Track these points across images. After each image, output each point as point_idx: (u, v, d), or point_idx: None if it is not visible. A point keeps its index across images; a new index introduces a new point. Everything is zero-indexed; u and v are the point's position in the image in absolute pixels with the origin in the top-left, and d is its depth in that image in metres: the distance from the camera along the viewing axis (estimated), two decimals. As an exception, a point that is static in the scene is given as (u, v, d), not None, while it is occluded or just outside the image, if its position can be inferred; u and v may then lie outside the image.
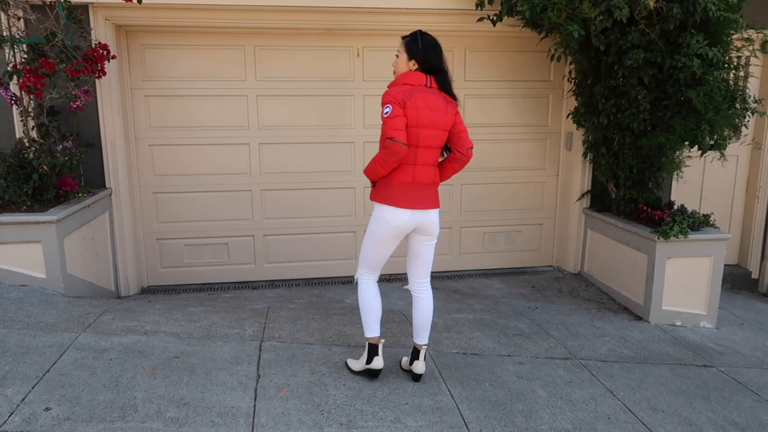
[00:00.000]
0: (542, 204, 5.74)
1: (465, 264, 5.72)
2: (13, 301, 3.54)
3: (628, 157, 4.75)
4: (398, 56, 2.89)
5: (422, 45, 2.83)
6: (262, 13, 4.62)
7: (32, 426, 2.35)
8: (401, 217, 2.83)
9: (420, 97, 2.77)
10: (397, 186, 2.83)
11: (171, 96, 4.91)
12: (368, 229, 2.96)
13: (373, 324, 2.98)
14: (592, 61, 4.65)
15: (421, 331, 3.01)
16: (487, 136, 5.46)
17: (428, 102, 2.78)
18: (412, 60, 2.84)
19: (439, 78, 2.86)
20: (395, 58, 2.91)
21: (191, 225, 5.15)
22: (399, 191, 2.83)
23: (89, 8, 4.35)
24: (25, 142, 4.02)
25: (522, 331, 3.99)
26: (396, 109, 2.72)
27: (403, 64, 2.87)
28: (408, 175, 2.83)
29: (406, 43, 2.86)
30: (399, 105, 2.73)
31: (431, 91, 2.82)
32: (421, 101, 2.76)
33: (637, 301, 4.58)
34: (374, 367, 2.98)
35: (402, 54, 2.87)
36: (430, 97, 2.80)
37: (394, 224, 2.84)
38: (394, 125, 2.71)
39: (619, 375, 3.42)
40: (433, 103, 2.80)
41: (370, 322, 2.99)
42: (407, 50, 2.85)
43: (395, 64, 2.91)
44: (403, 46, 2.86)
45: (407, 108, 2.73)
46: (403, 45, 2.87)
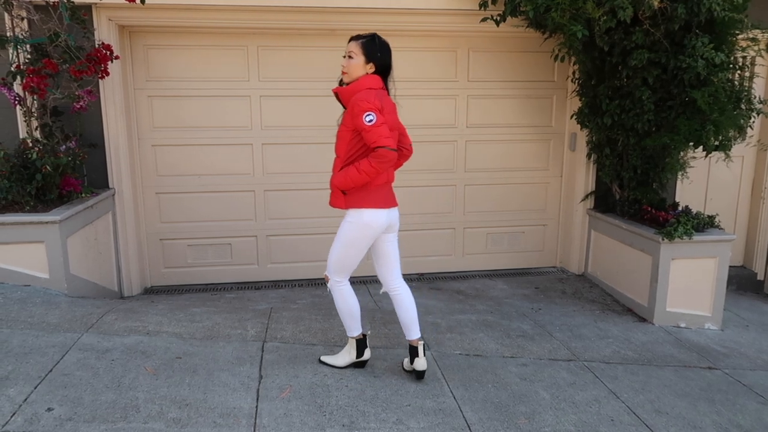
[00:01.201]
0: (546, 205, 5.72)
1: (468, 265, 5.70)
2: (16, 301, 3.54)
3: (633, 158, 4.73)
4: (352, 58, 2.80)
5: (380, 47, 2.82)
6: (265, 13, 4.61)
7: (34, 426, 2.35)
8: (380, 217, 2.87)
9: (386, 101, 2.83)
10: (377, 188, 2.86)
11: (174, 96, 4.91)
12: (343, 237, 2.92)
13: (357, 323, 3.06)
14: (596, 62, 4.63)
15: (411, 327, 3.04)
16: (490, 136, 5.45)
17: (390, 106, 2.87)
18: (370, 63, 2.82)
19: (386, 80, 2.90)
20: (348, 59, 2.81)
21: (194, 225, 5.15)
22: (378, 193, 2.87)
23: (92, 8, 4.36)
24: (28, 142, 4.02)
25: (525, 333, 3.98)
26: (378, 116, 2.70)
27: (360, 67, 2.81)
28: (385, 176, 2.90)
29: (364, 45, 2.80)
30: (379, 111, 2.72)
31: (387, 94, 2.89)
32: (388, 105, 2.83)
33: (642, 303, 4.56)
34: (365, 358, 3.11)
35: (358, 56, 2.79)
36: (389, 100, 2.88)
37: (374, 226, 2.87)
38: (383, 133, 2.69)
39: (622, 377, 3.40)
40: (391, 106, 2.89)
41: (354, 323, 3.06)
42: (365, 52, 2.80)
43: (348, 66, 2.82)
44: (360, 48, 2.79)
45: (384, 113, 2.75)
46: (359, 47, 2.80)
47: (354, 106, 2.73)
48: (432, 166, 5.41)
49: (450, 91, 5.31)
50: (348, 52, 2.81)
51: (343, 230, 2.92)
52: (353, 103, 2.74)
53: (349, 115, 2.78)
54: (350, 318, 3.04)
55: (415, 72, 5.20)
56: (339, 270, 2.97)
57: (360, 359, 3.10)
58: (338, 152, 2.89)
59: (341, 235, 2.93)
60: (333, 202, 2.91)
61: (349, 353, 3.11)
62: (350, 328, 3.07)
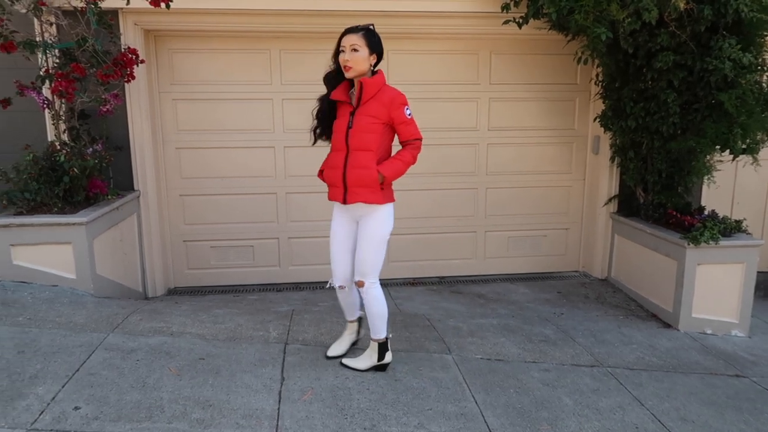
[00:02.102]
0: (568, 208, 5.67)
1: (489, 268, 5.67)
2: (44, 301, 3.61)
3: (657, 161, 4.67)
4: (357, 51, 2.72)
5: (378, 38, 2.81)
6: (288, 17, 4.65)
7: (62, 424, 2.40)
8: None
9: None
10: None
11: (198, 99, 4.97)
12: (378, 235, 2.88)
13: (386, 325, 3.08)
14: (620, 64, 4.58)
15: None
16: (512, 139, 5.42)
17: None
18: (373, 54, 2.79)
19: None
20: (352, 53, 2.73)
21: (217, 227, 5.21)
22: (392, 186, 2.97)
23: (119, 13, 4.43)
24: (56, 145, 4.10)
25: (547, 338, 3.94)
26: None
27: (365, 60, 2.75)
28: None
29: (367, 37, 2.75)
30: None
31: None
32: None
33: (666, 308, 4.49)
34: (387, 361, 3.12)
35: (363, 48, 2.73)
36: None
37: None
38: (417, 125, 2.84)
39: (647, 383, 3.35)
40: None
41: (384, 326, 3.07)
42: (369, 44, 2.76)
43: (352, 59, 2.73)
44: (363, 40, 2.73)
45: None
46: (363, 39, 2.74)
47: (394, 98, 2.79)
48: (453, 169, 5.40)
49: (472, 94, 5.29)
50: (351, 45, 2.73)
51: (377, 228, 2.88)
52: (392, 96, 2.79)
53: (384, 107, 2.78)
54: (381, 320, 3.02)
55: (437, 75, 5.20)
56: (376, 270, 2.94)
57: (381, 362, 3.10)
58: (371, 146, 2.81)
59: (376, 233, 2.88)
60: (371, 198, 2.82)
61: (371, 357, 3.11)
62: (380, 330, 3.04)
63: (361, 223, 2.93)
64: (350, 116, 2.82)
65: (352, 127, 2.80)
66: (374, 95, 2.80)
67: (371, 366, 3.11)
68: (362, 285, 2.96)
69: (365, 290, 2.96)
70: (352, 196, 2.83)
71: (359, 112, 2.81)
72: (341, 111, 2.89)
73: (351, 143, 2.81)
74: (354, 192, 2.83)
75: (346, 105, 2.87)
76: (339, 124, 2.87)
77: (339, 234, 3.01)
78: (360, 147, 2.80)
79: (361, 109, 2.81)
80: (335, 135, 2.89)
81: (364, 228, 2.91)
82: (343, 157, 2.83)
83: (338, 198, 2.89)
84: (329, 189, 2.95)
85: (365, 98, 2.80)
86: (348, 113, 2.84)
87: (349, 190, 2.83)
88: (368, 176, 2.80)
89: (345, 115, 2.85)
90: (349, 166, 2.82)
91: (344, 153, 2.82)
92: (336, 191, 2.89)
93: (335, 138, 2.89)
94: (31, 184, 3.88)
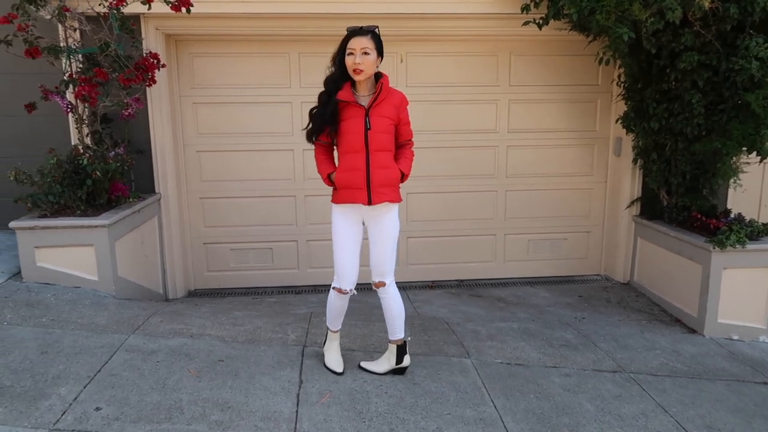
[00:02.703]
0: (590, 211, 5.59)
1: (509, 272, 5.62)
2: (67, 302, 3.66)
3: (681, 163, 4.58)
4: (368, 54, 2.72)
5: (382, 41, 2.82)
6: (307, 20, 4.66)
7: (83, 425, 2.42)
8: None
9: None
10: None
11: (218, 103, 5.01)
12: (395, 233, 2.94)
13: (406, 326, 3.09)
14: (643, 65, 4.51)
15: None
16: (532, 141, 5.37)
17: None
18: (379, 57, 2.81)
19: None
20: (364, 56, 2.72)
21: (237, 230, 5.24)
22: None
23: (141, 18, 4.48)
24: (79, 148, 4.17)
25: (568, 342, 3.89)
26: None
27: (374, 63, 2.77)
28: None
29: (375, 40, 2.76)
30: None
31: None
32: None
33: (691, 313, 4.40)
34: (405, 364, 3.09)
35: (373, 51, 2.74)
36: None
37: None
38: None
39: (671, 390, 3.28)
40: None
41: (403, 325, 3.05)
42: (377, 47, 2.78)
43: (364, 62, 2.72)
44: (373, 43, 2.74)
45: None
46: (372, 42, 2.74)
47: (402, 99, 2.90)
48: (473, 171, 5.36)
49: (491, 96, 5.26)
50: (362, 48, 2.71)
51: (394, 226, 2.93)
52: (401, 97, 2.90)
53: (395, 108, 2.86)
54: (401, 319, 3.04)
55: (456, 77, 5.18)
56: (393, 269, 2.99)
57: (399, 366, 3.07)
58: (389, 146, 2.88)
59: (393, 231, 2.92)
60: (394, 197, 2.89)
61: (389, 360, 3.09)
62: (400, 330, 3.05)
63: (375, 224, 2.92)
64: (366, 117, 2.80)
65: (371, 128, 2.79)
66: (387, 97, 2.85)
67: (389, 369, 3.09)
68: (383, 285, 2.96)
69: (386, 290, 2.96)
70: (379, 196, 2.83)
71: (374, 114, 2.81)
72: (349, 112, 2.82)
73: (372, 144, 2.80)
74: (380, 192, 2.83)
75: (354, 106, 2.81)
76: (352, 125, 2.81)
77: (349, 237, 2.93)
78: (381, 147, 2.83)
79: (376, 111, 2.81)
80: (349, 136, 2.82)
81: (381, 228, 2.91)
82: (363, 159, 2.81)
83: (360, 200, 2.84)
84: (345, 191, 2.87)
85: (380, 100, 2.82)
86: (360, 115, 2.80)
87: (375, 191, 2.82)
88: (393, 176, 2.87)
89: (357, 117, 2.80)
90: (373, 166, 2.81)
91: (364, 154, 2.81)
92: (358, 193, 2.84)
93: (351, 139, 2.82)
94: (54, 187, 3.95)
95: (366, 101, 2.83)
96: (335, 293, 3.00)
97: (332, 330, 3.17)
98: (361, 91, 2.85)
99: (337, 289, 2.98)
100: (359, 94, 2.85)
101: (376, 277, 2.96)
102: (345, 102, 2.81)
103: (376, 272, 2.96)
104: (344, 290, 2.97)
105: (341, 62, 2.80)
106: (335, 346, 3.17)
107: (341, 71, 2.81)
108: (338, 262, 2.94)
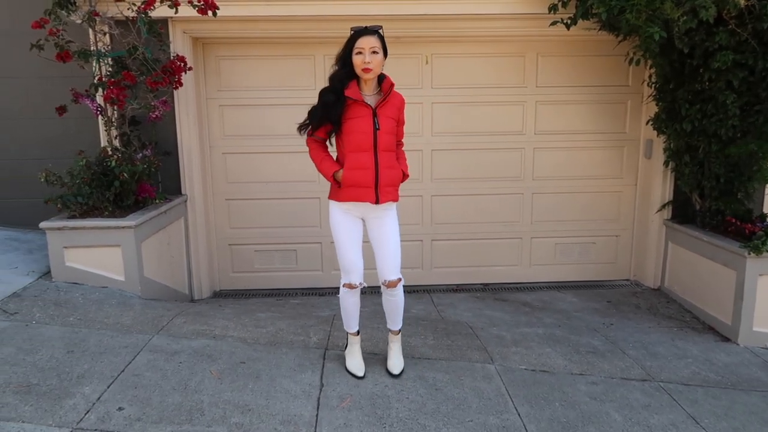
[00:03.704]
0: (619, 214, 5.47)
1: (535, 276, 5.52)
2: (94, 302, 3.72)
3: (715, 166, 4.44)
4: (377, 53, 2.74)
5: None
6: (332, 23, 4.65)
7: (106, 425, 2.44)
8: None
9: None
10: None
11: (244, 105, 5.05)
12: (398, 230, 3.00)
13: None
14: (675, 65, 4.39)
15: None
16: (559, 143, 5.27)
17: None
18: (385, 56, 2.83)
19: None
20: (373, 55, 2.72)
21: (261, 231, 5.26)
22: None
23: (168, 22, 4.54)
24: (108, 150, 4.23)
25: (596, 349, 3.79)
26: None
27: (381, 62, 2.80)
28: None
29: (381, 40, 2.78)
30: None
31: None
32: None
33: (725, 321, 4.26)
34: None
35: (380, 51, 2.76)
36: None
37: None
38: None
39: (703, 401, 3.17)
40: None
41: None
42: (383, 47, 2.80)
43: (373, 61, 2.73)
44: (380, 43, 2.76)
45: None
46: (380, 41, 2.76)
47: (402, 100, 2.94)
48: (498, 173, 5.29)
49: (518, 97, 5.18)
50: (371, 48, 2.72)
51: (396, 224, 2.99)
52: (401, 98, 2.95)
53: (397, 109, 2.91)
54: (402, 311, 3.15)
55: (482, 78, 5.12)
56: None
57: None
58: (393, 146, 2.94)
59: (397, 228, 2.99)
60: (396, 196, 2.95)
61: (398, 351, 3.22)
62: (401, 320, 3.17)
63: (379, 223, 2.95)
64: (374, 117, 2.81)
65: (380, 128, 2.82)
66: (390, 98, 2.88)
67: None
68: (398, 282, 3.01)
69: (398, 288, 3.02)
70: (385, 195, 2.88)
71: (381, 114, 2.84)
72: (355, 111, 2.81)
73: (380, 144, 2.83)
74: (386, 191, 2.88)
75: (361, 105, 2.80)
76: (359, 124, 2.80)
77: (353, 233, 2.96)
78: (388, 148, 2.88)
79: (383, 111, 2.85)
80: (357, 135, 2.81)
81: (385, 226, 2.95)
82: (372, 158, 2.83)
83: (368, 198, 2.86)
84: (351, 190, 2.87)
85: (387, 101, 2.86)
86: (368, 114, 2.81)
87: (382, 190, 2.87)
88: (397, 176, 2.93)
89: (365, 116, 2.80)
90: (381, 166, 2.85)
91: (372, 153, 2.83)
92: (365, 192, 2.85)
93: (359, 138, 2.81)
94: (83, 189, 4.02)
95: (372, 101, 2.85)
96: (345, 290, 3.02)
97: (351, 333, 3.16)
98: (366, 90, 2.86)
99: (347, 285, 3.00)
100: (365, 94, 2.85)
101: (389, 275, 2.98)
102: (353, 100, 2.80)
103: (387, 270, 2.98)
104: (354, 284, 2.99)
105: (346, 61, 2.80)
106: (356, 349, 3.16)
107: (347, 70, 2.81)
108: (344, 257, 2.97)
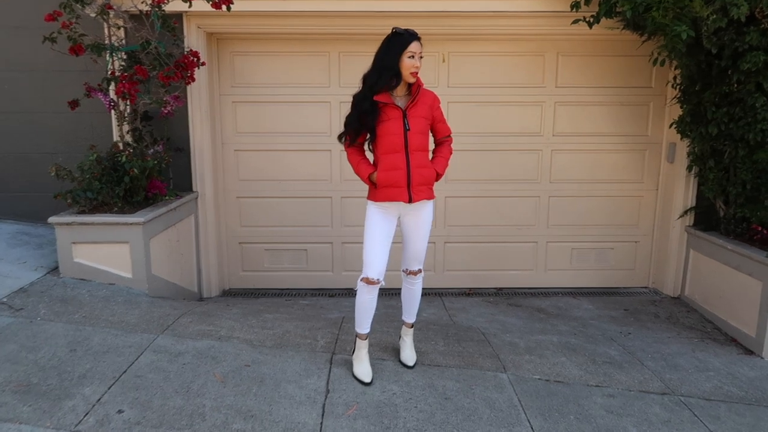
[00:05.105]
0: (638, 220, 5.31)
1: (550, 281, 5.39)
2: (100, 299, 3.67)
3: (741, 172, 4.27)
4: (422, 57, 2.86)
5: None
6: (348, 19, 4.57)
7: (104, 428, 2.38)
8: None
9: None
10: None
11: (257, 102, 4.98)
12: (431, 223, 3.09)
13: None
14: (702, 65, 4.22)
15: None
16: (578, 145, 5.13)
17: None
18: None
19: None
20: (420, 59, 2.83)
21: (272, 230, 5.19)
22: None
23: (183, 17, 4.48)
24: (119, 145, 4.19)
25: (612, 359, 3.66)
26: None
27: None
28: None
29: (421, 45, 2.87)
30: None
31: None
32: None
33: (749, 333, 4.09)
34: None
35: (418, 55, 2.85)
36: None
37: None
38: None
39: (726, 417, 3.03)
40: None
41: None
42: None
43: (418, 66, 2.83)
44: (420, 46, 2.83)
45: None
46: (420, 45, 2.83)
47: (435, 98, 2.96)
48: (514, 176, 5.17)
49: (536, 98, 5.05)
50: (420, 53, 2.83)
51: (430, 221, 3.06)
52: (434, 96, 2.97)
53: (429, 108, 2.93)
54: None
55: (500, 77, 5.00)
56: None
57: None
58: (426, 146, 2.96)
59: (429, 225, 3.07)
60: (431, 194, 3.00)
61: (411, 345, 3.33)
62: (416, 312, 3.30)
63: (412, 219, 3.02)
64: (404, 119, 2.85)
65: (410, 129, 2.87)
66: (421, 97, 2.91)
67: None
68: (419, 272, 3.19)
69: (418, 277, 3.19)
70: (418, 194, 2.92)
71: (411, 114, 2.88)
72: (387, 114, 2.87)
73: (411, 144, 2.88)
74: (419, 190, 2.93)
75: (391, 108, 2.87)
76: (390, 126, 2.87)
77: (384, 231, 2.98)
78: (420, 147, 2.91)
79: (412, 111, 2.89)
80: (389, 137, 2.88)
81: (418, 222, 3.03)
82: (404, 159, 2.88)
83: (401, 198, 2.91)
84: (387, 190, 2.92)
85: (416, 101, 2.89)
86: (398, 116, 2.87)
87: (415, 189, 2.91)
88: (430, 175, 2.96)
89: (396, 118, 2.87)
90: (413, 166, 2.89)
91: (403, 154, 2.88)
92: (398, 191, 2.91)
93: (390, 140, 2.88)
94: (93, 184, 3.97)
95: (402, 102, 2.90)
96: (363, 285, 2.98)
97: (361, 335, 3.09)
98: (396, 92, 2.90)
99: (366, 279, 2.95)
100: (395, 96, 2.90)
101: (414, 265, 3.15)
102: (383, 104, 2.85)
103: (413, 261, 3.14)
104: (372, 279, 2.93)
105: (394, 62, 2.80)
106: (364, 354, 3.07)
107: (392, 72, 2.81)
108: (369, 251, 2.95)
